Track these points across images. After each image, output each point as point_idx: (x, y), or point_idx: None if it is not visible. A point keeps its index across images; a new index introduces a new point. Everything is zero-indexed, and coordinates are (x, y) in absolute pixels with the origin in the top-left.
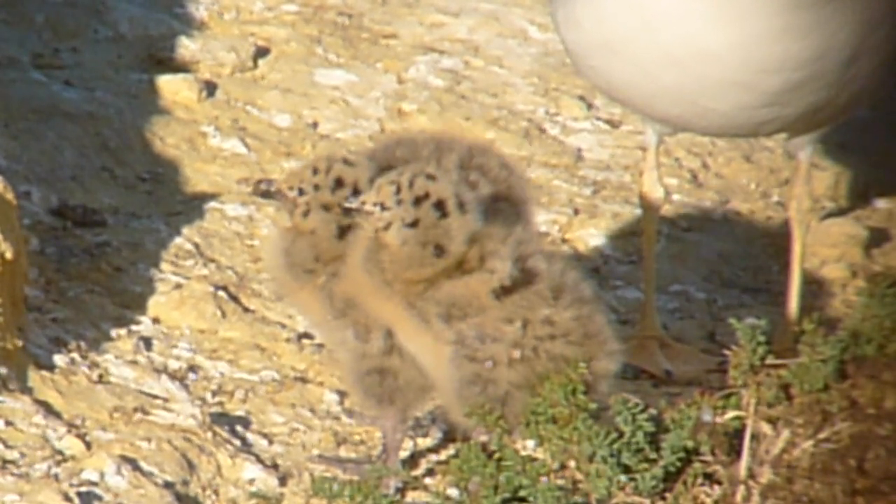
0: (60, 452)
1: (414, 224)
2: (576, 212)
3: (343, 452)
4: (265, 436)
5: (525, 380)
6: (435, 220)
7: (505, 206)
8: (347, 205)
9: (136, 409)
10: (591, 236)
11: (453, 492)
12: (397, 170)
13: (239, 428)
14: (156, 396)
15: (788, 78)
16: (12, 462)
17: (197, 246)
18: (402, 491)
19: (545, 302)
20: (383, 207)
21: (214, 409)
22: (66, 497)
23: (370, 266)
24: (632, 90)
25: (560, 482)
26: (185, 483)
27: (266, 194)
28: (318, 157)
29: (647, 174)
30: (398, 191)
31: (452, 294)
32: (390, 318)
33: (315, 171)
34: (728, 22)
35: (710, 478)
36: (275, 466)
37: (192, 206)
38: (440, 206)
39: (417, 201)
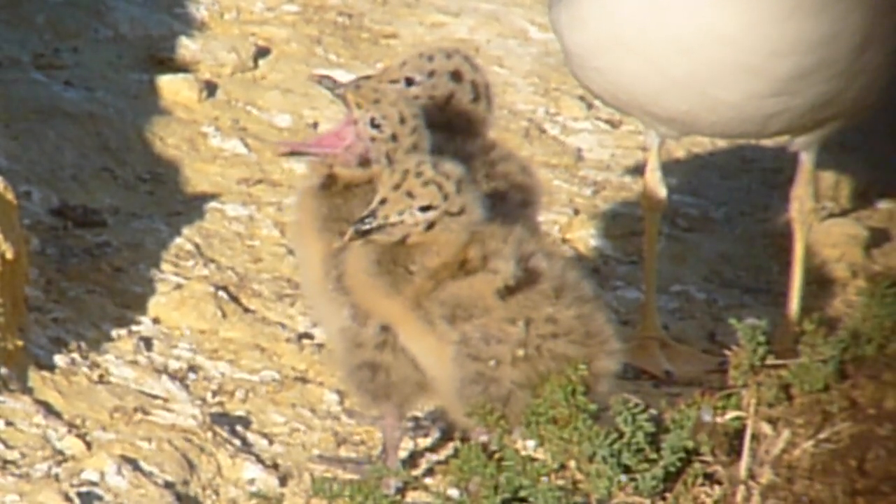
0: (61, 452)
1: (461, 212)
2: (576, 212)
3: (343, 452)
4: (265, 436)
5: (527, 379)
6: (469, 199)
7: (529, 211)
8: (366, 227)
9: (136, 410)
10: (592, 237)
11: (453, 492)
12: (404, 171)
13: (239, 428)
14: (156, 396)
15: (799, 62)
16: (13, 462)
17: (197, 246)
18: (402, 491)
19: (548, 301)
20: (427, 209)
21: (215, 410)
22: (67, 497)
23: (392, 266)
24: (640, 87)
25: (560, 482)
26: (186, 483)
27: (329, 89)
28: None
29: (650, 174)
30: (440, 187)
31: (457, 295)
32: (395, 318)
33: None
34: (738, 4)
35: (710, 478)
36: (275, 466)
37: (193, 206)
38: (460, 184)
39: (458, 189)
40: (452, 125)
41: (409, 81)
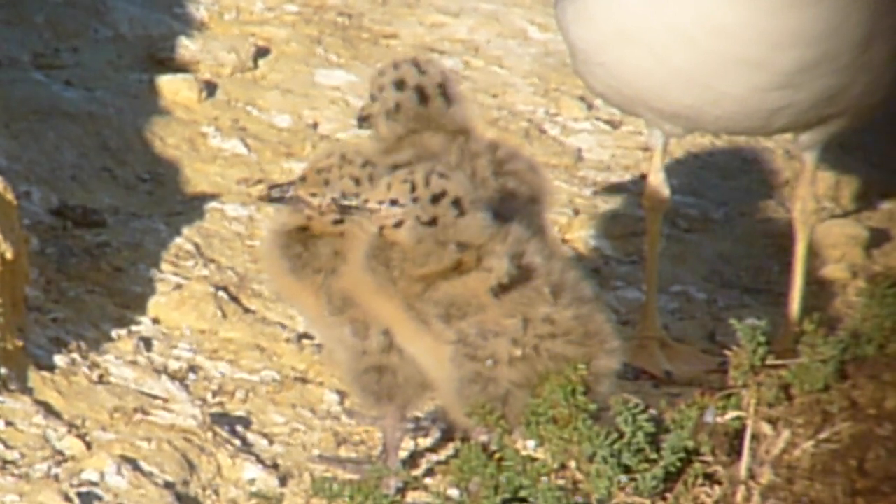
0: (61, 453)
1: (432, 222)
2: (576, 212)
3: (343, 452)
4: (265, 436)
5: (526, 379)
6: (453, 219)
7: (537, 208)
8: (345, 202)
9: (136, 410)
10: (592, 237)
11: (454, 492)
12: (407, 168)
13: (239, 428)
14: (156, 397)
15: (801, 56)
16: (12, 462)
17: (197, 246)
18: (402, 491)
19: (543, 298)
20: (395, 204)
21: (215, 410)
22: (67, 497)
23: (375, 264)
24: (645, 81)
25: (560, 482)
26: (186, 483)
27: (277, 200)
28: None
29: (653, 175)
30: (413, 188)
31: (451, 294)
32: (389, 319)
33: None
34: None
35: (710, 478)
36: (275, 466)
37: (193, 206)
38: (457, 203)
39: (435, 199)
40: (434, 125)
41: (373, 98)
